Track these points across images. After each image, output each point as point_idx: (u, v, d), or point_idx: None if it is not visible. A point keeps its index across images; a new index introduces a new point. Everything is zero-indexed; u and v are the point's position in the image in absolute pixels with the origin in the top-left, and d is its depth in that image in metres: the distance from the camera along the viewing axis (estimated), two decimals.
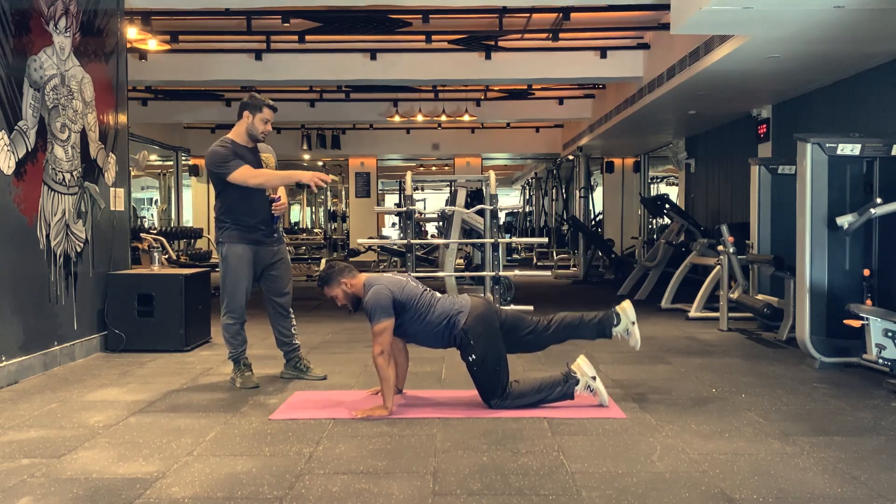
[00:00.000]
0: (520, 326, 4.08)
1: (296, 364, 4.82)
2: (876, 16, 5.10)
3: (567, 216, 16.59)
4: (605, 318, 4.13)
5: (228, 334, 4.64)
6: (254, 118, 4.58)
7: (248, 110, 4.59)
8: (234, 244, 4.54)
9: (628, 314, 4.13)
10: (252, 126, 4.59)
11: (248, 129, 4.60)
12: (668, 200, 10.59)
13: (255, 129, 4.60)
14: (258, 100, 4.61)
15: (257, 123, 4.59)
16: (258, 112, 4.58)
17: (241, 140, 4.60)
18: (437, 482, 2.89)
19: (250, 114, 4.58)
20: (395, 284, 3.96)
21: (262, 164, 4.69)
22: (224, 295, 4.61)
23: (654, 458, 3.16)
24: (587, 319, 4.12)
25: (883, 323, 4.40)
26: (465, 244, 9.48)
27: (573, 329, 4.11)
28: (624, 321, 4.12)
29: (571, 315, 4.15)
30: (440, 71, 9.60)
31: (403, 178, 8.56)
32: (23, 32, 4.87)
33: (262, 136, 4.64)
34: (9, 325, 4.68)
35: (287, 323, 4.79)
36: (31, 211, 4.94)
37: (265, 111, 4.59)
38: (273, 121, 4.68)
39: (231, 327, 4.63)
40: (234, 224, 4.54)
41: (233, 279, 4.56)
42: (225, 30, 8.65)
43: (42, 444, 3.40)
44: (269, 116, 4.62)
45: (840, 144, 5.05)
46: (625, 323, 4.12)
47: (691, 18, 5.35)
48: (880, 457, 3.19)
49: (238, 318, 4.62)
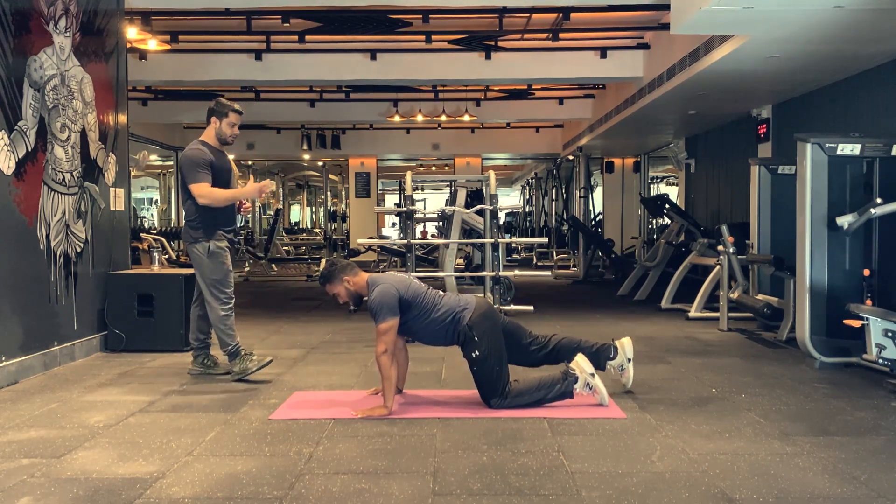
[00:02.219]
0: (518, 335, 4.13)
1: (203, 360, 4.93)
2: (876, 16, 5.10)
3: (567, 216, 16.59)
4: (602, 350, 4.20)
5: (225, 326, 4.70)
6: (221, 123, 4.76)
7: (215, 116, 4.77)
8: (218, 240, 4.71)
9: (626, 350, 4.21)
10: (220, 130, 4.77)
11: (217, 133, 4.79)
12: (668, 200, 10.60)
13: (223, 133, 4.78)
14: (224, 105, 4.78)
15: (224, 128, 4.77)
16: (224, 117, 4.76)
17: (213, 143, 4.80)
18: (437, 482, 2.89)
19: (217, 119, 4.77)
20: (400, 283, 3.97)
21: (230, 165, 4.91)
22: (215, 289, 4.70)
23: (654, 458, 3.16)
24: (584, 346, 4.18)
25: (883, 323, 4.40)
26: (465, 244, 9.47)
27: (569, 352, 4.14)
28: (621, 356, 4.20)
29: (569, 339, 4.21)
30: (440, 71, 9.60)
31: (403, 178, 8.56)
32: (23, 32, 4.87)
33: (230, 140, 4.83)
34: (9, 325, 4.68)
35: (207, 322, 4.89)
36: (31, 211, 4.94)
37: (231, 115, 4.77)
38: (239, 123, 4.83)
39: (228, 319, 4.72)
40: (213, 224, 4.70)
41: (224, 271, 4.73)
42: (225, 30, 8.65)
43: (42, 444, 3.40)
44: (236, 120, 4.79)
45: (840, 144, 5.05)
46: (621, 358, 4.21)
47: (691, 18, 5.36)
48: (880, 457, 3.20)
49: (229, 303, 4.76)
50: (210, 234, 4.69)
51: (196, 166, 4.62)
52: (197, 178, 4.61)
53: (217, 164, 4.71)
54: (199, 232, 4.69)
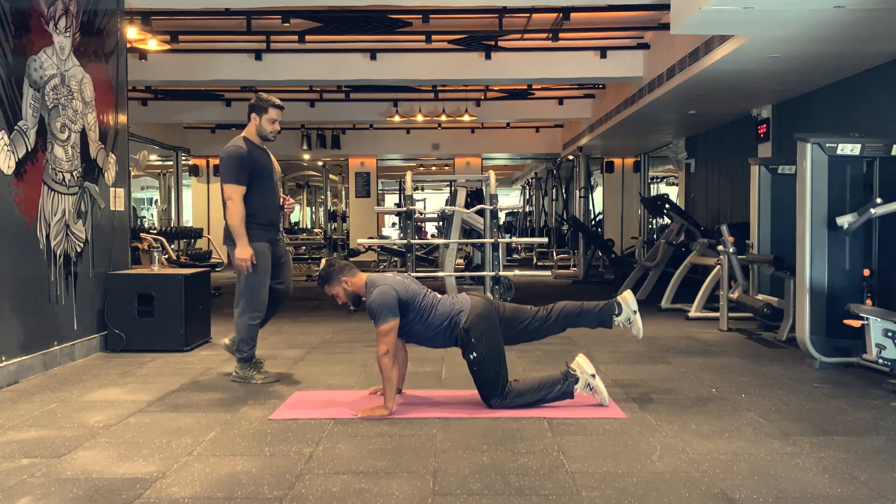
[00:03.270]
0: (519, 317, 4.07)
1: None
2: (876, 16, 5.10)
3: (567, 216, 16.59)
4: (606, 308, 4.13)
5: (247, 335, 4.63)
6: (261, 119, 4.65)
7: (255, 112, 4.66)
8: (258, 242, 4.58)
9: (629, 303, 4.13)
10: (261, 127, 4.66)
11: (257, 130, 4.67)
12: (668, 200, 10.59)
13: (264, 129, 4.66)
14: (264, 100, 4.65)
15: (265, 124, 4.65)
16: (264, 113, 4.64)
17: (255, 140, 4.69)
18: (437, 482, 2.89)
19: (257, 115, 4.65)
20: (399, 284, 3.96)
21: (272, 163, 4.76)
22: (246, 293, 4.61)
23: (654, 458, 3.16)
24: (588, 308, 4.12)
25: (883, 323, 4.40)
26: (465, 244, 9.47)
27: (573, 318, 4.10)
28: (625, 311, 4.11)
29: (572, 304, 4.15)
30: (440, 71, 9.60)
31: (403, 178, 8.56)
32: (23, 32, 4.87)
33: (271, 136, 4.71)
34: (9, 325, 4.68)
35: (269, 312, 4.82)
36: (31, 211, 4.94)
37: (271, 111, 4.64)
38: (281, 120, 4.71)
39: (253, 328, 4.64)
40: (254, 222, 4.58)
41: (258, 277, 4.59)
42: (225, 30, 8.65)
43: (42, 444, 3.40)
44: (276, 116, 4.66)
45: (840, 144, 5.05)
46: (626, 312, 4.11)
47: (691, 18, 5.36)
48: (880, 457, 3.20)
49: (259, 316, 4.66)
50: (252, 235, 4.55)
51: (233, 165, 4.50)
52: (230, 179, 4.49)
53: (258, 163, 4.58)
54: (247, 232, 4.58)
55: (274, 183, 4.73)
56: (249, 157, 4.56)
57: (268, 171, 4.68)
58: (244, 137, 4.66)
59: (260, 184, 4.60)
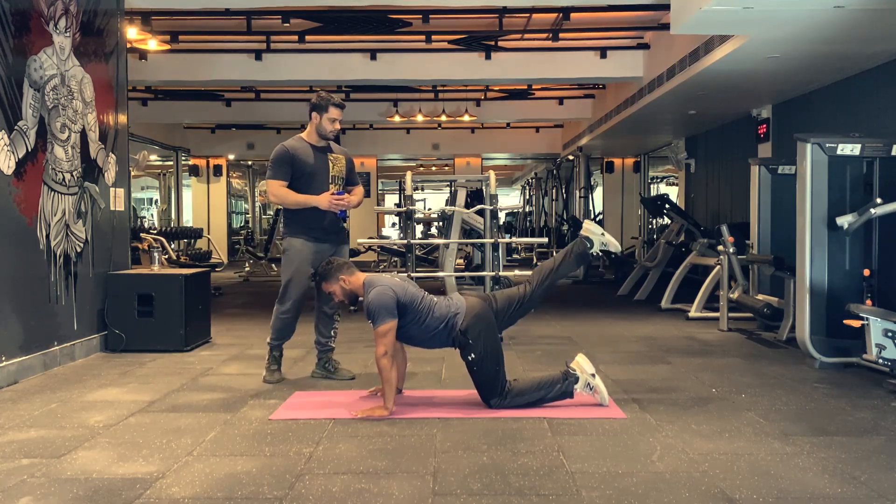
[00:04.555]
0: (512, 302, 4.08)
1: (325, 364, 4.85)
2: (876, 16, 5.10)
3: (567, 216, 16.59)
4: (577, 245, 4.17)
5: (273, 325, 4.73)
6: (321, 118, 4.66)
7: (316, 111, 4.68)
8: (295, 237, 4.63)
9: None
10: (320, 126, 4.68)
11: (317, 129, 4.69)
12: (668, 200, 10.59)
13: (324, 128, 4.68)
14: (325, 99, 4.67)
15: (325, 123, 4.67)
16: (324, 112, 4.65)
17: (312, 139, 4.71)
18: (437, 482, 2.89)
19: (318, 114, 4.67)
20: (397, 286, 3.96)
21: (328, 163, 4.71)
22: (282, 285, 4.69)
23: (654, 458, 3.16)
24: (562, 256, 4.15)
25: (883, 323, 4.40)
26: (465, 244, 9.47)
27: (556, 272, 4.11)
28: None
29: (547, 264, 4.17)
30: (440, 71, 9.60)
31: (403, 178, 8.56)
32: (23, 32, 4.87)
33: (331, 135, 4.73)
34: (9, 325, 4.68)
35: (329, 323, 4.81)
36: (30, 211, 4.94)
37: (331, 110, 4.66)
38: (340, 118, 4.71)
39: (279, 321, 4.70)
40: (296, 219, 4.62)
41: (287, 272, 4.64)
42: (225, 30, 8.65)
43: (42, 444, 3.40)
44: (336, 115, 4.68)
45: (840, 144, 5.05)
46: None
47: (691, 18, 5.36)
48: (880, 457, 3.20)
49: (288, 311, 4.67)
50: (295, 231, 4.62)
51: (272, 164, 4.61)
52: (269, 175, 4.61)
53: (302, 162, 4.57)
54: (287, 228, 4.69)
55: (323, 183, 4.64)
56: (290, 155, 4.59)
57: (312, 170, 4.62)
58: (301, 137, 4.72)
59: (306, 183, 4.59)
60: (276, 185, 4.59)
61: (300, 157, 4.61)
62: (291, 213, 4.64)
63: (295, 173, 4.59)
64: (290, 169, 4.58)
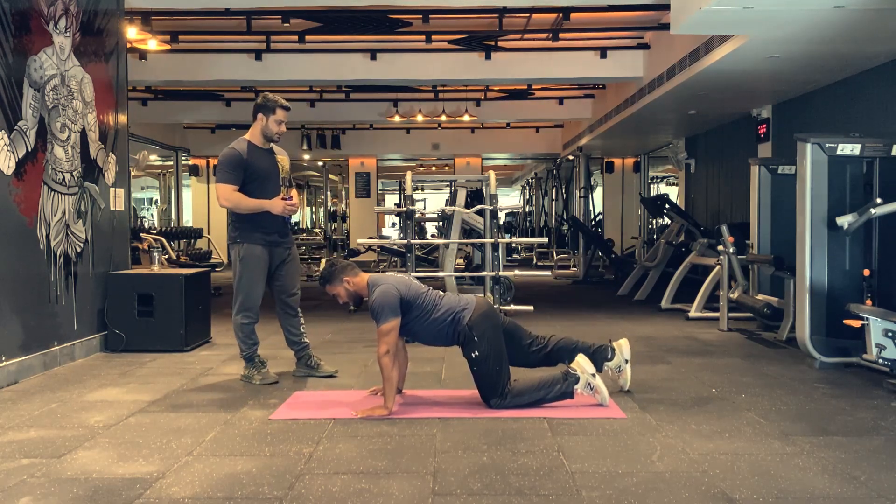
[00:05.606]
0: (518, 336, 4.12)
1: (307, 362, 4.86)
2: (876, 16, 5.10)
3: (567, 216, 16.59)
4: (599, 350, 4.19)
5: (243, 333, 4.67)
6: (267, 120, 4.62)
7: (262, 112, 4.62)
8: (253, 244, 4.58)
9: (623, 351, 4.21)
10: (266, 128, 4.63)
11: (262, 130, 4.64)
12: (668, 200, 10.60)
13: (270, 130, 4.64)
14: (271, 101, 4.63)
15: (271, 125, 4.63)
16: (271, 114, 4.61)
17: (257, 141, 4.66)
18: (437, 482, 2.89)
19: (264, 115, 4.62)
20: (401, 283, 3.97)
21: (277, 165, 4.72)
22: (239, 293, 4.64)
23: (654, 458, 3.16)
24: (582, 347, 4.17)
25: (883, 323, 4.40)
26: (465, 244, 9.47)
27: (567, 353, 4.14)
28: (618, 357, 4.20)
29: (567, 339, 4.20)
30: (440, 71, 9.60)
31: (403, 178, 8.56)
32: (23, 32, 4.87)
33: (276, 137, 4.68)
34: (9, 325, 4.68)
35: (296, 322, 4.82)
36: (31, 211, 4.94)
37: (278, 112, 4.62)
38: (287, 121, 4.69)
39: (246, 327, 4.66)
40: (251, 224, 4.58)
41: (249, 279, 4.60)
42: (225, 30, 8.65)
43: (42, 444, 3.40)
44: (283, 117, 4.64)
45: (840, 144, 5.05)
46: (618, 359, 4.20)
47: (691, 18, 5.36)
48: (880, 457, 3.20)
49: (253, 317, 4.67)
50: (251, 238, 4.57)
51: (224, 167, 4.53)
52: (221, 179, 4.52)
53: (255, 165, 4.56)
54: (236, 233, 4.62)
55: (275, 186, 4.67)
56: (243, 159, 4.53)
57: (265, 173, 4.63)
58: (246, 139, 4.64)
59: (258, 187, 4.57)
60: (227, 189, 4.50)
61: (253, 160, 4.57)
62: (244, 218, 4.57)
63: (248, 177, 4.54)
64: (243, 173, 4.53)
